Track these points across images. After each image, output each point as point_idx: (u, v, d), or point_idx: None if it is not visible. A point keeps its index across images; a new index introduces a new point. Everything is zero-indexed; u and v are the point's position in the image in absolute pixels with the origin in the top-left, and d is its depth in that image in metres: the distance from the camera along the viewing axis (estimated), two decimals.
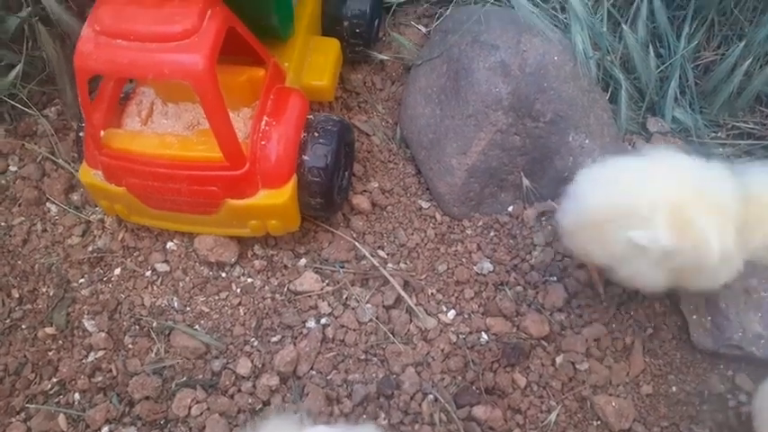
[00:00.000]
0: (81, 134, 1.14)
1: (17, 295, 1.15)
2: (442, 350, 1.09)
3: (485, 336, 1.11)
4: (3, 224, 1.22)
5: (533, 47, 1.12)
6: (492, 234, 1.20)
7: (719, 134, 1.33)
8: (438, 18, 1.39)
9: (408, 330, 1.11)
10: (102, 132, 1.06)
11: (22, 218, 1.22)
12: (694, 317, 1.08)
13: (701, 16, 1.29)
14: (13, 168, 1.28)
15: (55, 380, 1.07)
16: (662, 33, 1.30)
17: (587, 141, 1.15)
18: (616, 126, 1.23)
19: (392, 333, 1.10)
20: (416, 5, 1.45)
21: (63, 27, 1.21)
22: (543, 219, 1.21)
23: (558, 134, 1.15)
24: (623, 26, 1.25)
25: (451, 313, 1.13)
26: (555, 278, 1.15)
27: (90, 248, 1.18)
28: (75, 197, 1.24)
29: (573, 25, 1.19)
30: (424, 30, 1.42)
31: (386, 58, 1.36)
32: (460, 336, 1.11)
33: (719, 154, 1.30)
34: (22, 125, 1.31)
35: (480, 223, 1.21)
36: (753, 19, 1.27)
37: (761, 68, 1.27)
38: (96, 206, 1.22)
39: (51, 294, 1.15)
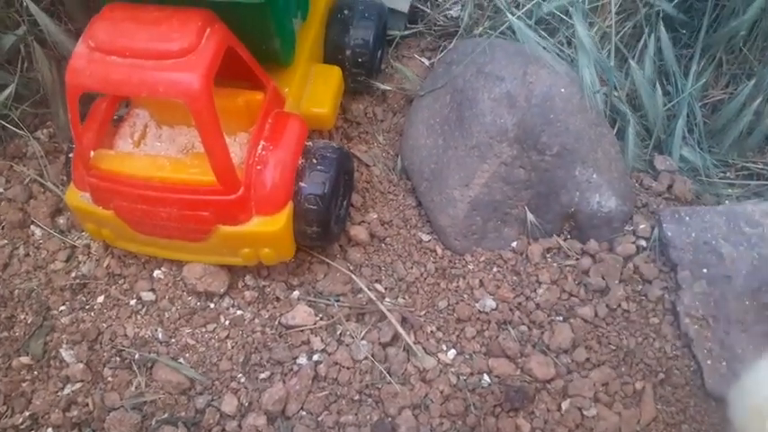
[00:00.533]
0: (71, 155, 1.10)
1: None
2: (442, 392, 1.03)
3: (487, 378, 1.05)
4: None
5: (540, 78, 1.10)
6: (495, 270, 1.15)
7: (728, 174, 1.30)
8: (442, 51, 1.37)
9: (406, 370, 1.05)
10: (91, 153, 1.02)
11: (5, 241, 1.17)
12: (709, 362, 1.02)
13: (710, 54, 1.28)
14: None
15: (27, 413, 1.01)
16: (669, 71, 1.28)
17: (595, 176, 1.11)
18: (624, 162, 1.19)
19: (388, 372, 1.04)
20: (420, 39, 1.43)
21: (59, 48, 1.18)
22: (548, 255, 1.16)
23: (564, 168, 1.11)
24: (630, 62, 1.23)
25: (452, 353, 1.07)
26: (561, 318, 1.10)
27: (73, 274, 1.13)
28: (61, 221, 1.20)
29: (580, 58, 1.16)
30: (427, 62, 1.40)
31: (388, 88, 1.34)
32: (461, 377, 1.05)
33: (728, 195, 1.26)
34: (11, 146, 1.27)
35: (483, 258, 1.16)
36: (762, 58, 1.25)
37: None
38: (83, 231, 1.17)
39: (29, 321, 1.09)
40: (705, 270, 1.07)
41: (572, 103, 1.10)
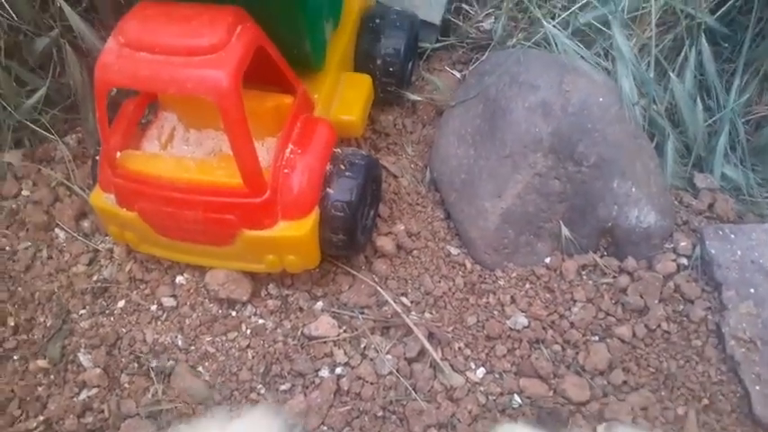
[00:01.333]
0: (97, 158, 1.08)
1: (12, 323, 1.07)
2: (470, 412, 0.98)
3: (517, 398, 1.00)
4: (8, 248, 1.15)
5: (577, 87, 1.06)
6: (527, 286, 1.10)
7: None
8: (473, 63, 1.35)
9: (432, 387, 1.01)
10: (118, 153, 1.00)
11: (28, 243, 1.16)
12: (757, 387, 0.95)
13: (753, 69, 1.23)
14: (25, 193, 1.23)
15: (42, 418, 0.98)
16: (710, 85, 1.23)
17: (634, 189, 1.07)
18: (663, 176, 1.14)
19: (414, 389, 1.00)
20: (451, 51, 1.41)
21: (91, 52, 1.18)
22: (584, 273, 1.11)
23: (601, 180, 1.07)
24: (671, 75, 1.19)
25: (481, 371, 1.03)
26: (597, 338, 1.05)
27: (95, 278, 1.11)
28: (85, 224, 1.19)
29: (619, 68, 1.13)
30: (458, 75, 1.38)
31: (418, 99, 1.31)
32: (490, 397, 1.00)
33: None
34: (40, 150, 1.27)
35: (514, 274, 1.12)
36: None
37: None
38: (106, 235, 1.15)
39: (49, 324, 1.07)
40: (752, 290, 1.01)
41: (610, 112, 1.06)
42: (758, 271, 1.03)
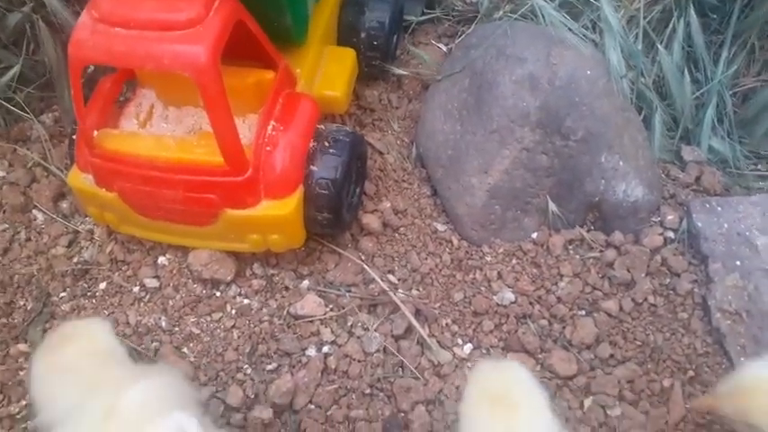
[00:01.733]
0: (75, 137, 1.06)
1: None
2: (457, 388, 0.98)
3: None
4: None
5: (564, 60, 1.05)
6: (514, 262, 1.10)
7: (759, 166, 1.23)
8: (460, 37, 1.32)
9: (419, 364, 1.00)
10: (95, 132, 0.98)
11: (6, 225, 1.13)
12: (742, 359, 0.96)
13: (741, 40, 1.22)
14: (1, 174, 1.20)
15: (24, 402, 0.97)
16: (698, 57, 1.22)
17: (621, 163, 1.06)
18: (651, 150, 1.14)
19: (401, 366, 1.00)
20: (437, 24, 1.39)
21: (63, 24, 1.14)
22: (571, 247, 1.11)
23: (589, 154, 1.06)
24: (659, 47, 1.17)
25: (468, 347, 1.02)
26: (584, 312, 1.04)
27: (75, 260, 1.09)
28: (64, 205, 1.16)
29: (607, 41, 1.11)
30: (444, 48, 1.35)
31: (404, 73, 1.29)
32: None
33: (759, 188, 1.20)
34: (15, 129, 1.23)
35: (501, 250, 1.11)
36: None
37: None
38: (86, 216, 1.13)
39: (29, 308, 1.05)
40: (738, 262, 1.01)
41: (598, 86, 1.05)
42: (744, 244, 1.03)
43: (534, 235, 1.12)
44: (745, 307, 0.99)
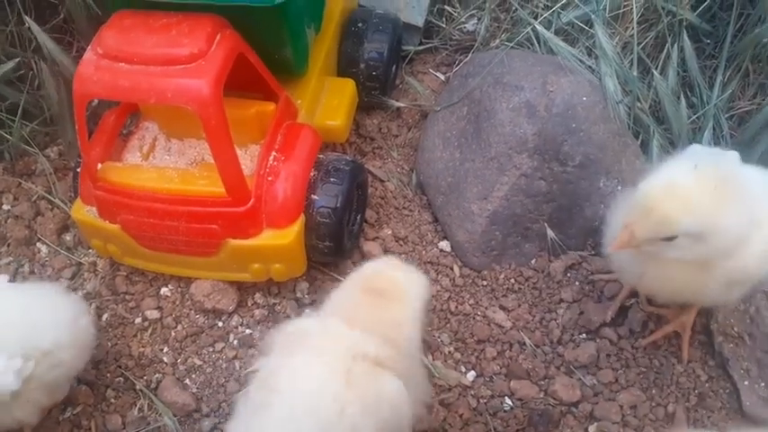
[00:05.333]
0: (79, 170, 1.07)
1: None
2: (461, 416, 0.98)
3: (508, 401, 0.99)
4: None
5: (561, 87, 1.06)
6: (515, 288, 1.10)
7: None
8: (457, 65, 1.34)
9: None
10: (99, 165, 0.99)
11: (10, 258, 1.14)
12: (746, 382, 0.96)
13: (735, 64, 1.23)
14: (6, 207, 1.21)
15: None
16: (693, 82, 1.24)
17: (620, 188, 1.07)
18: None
19: None
20: (435, 54, 1.41)
21: (62, 67, 1.17)
22: (570, 273, 1.11)
23: (587, 179, 1.06)
24: (654, 72, 1.19)
25: (471, 374, 1.02)
26: (584, 336, 1.04)
27: (78, 293, 1.09)
28: (67, 238, 1.17)
29: (602, 67, 1.13)
30: (442, 77, 1.37)
31: (402, 105, 1.31)
32: (481, 400, 0.99)
33: None
34: (20, 164, 1.25)
35: (502, 276, 1.11)
36: None
37: None
38: (89, 248, 1.13)
39: None
40: None
41: (594, 112, 1.06)
42: None
43: (534, 261, 1.12)
44: (747, 330, 0.99)
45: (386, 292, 0.75)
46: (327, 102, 1.15)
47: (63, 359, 0.86)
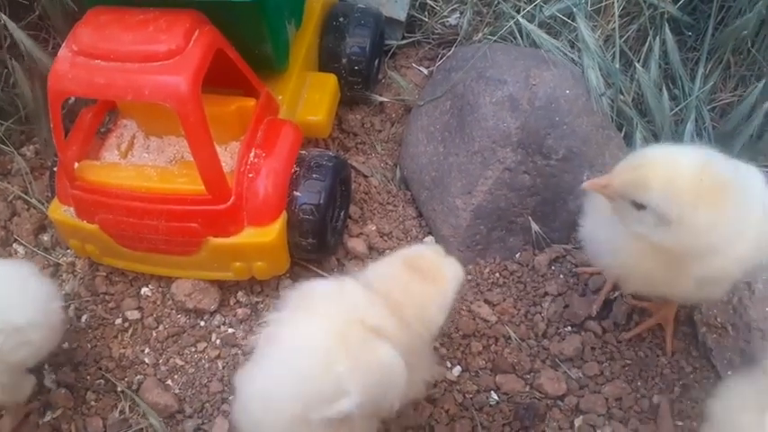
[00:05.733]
0: (56, 169, 1.05)
1: None
2: (447, 411, 0.97)
3: (494, 395, 0.99)
4: None
5: (543, 80, 1.06)
6: (500, 282, 1.10)
7: None
8: (440, 59, 1.33)
9: None
10: (75, 164, 0.97)
11: None
12: (729, 373, 0.96)
13: (717, 56, 1.24)
14: None
15: None
16: (675, 74, 1.24)
17: None
18: None
19: None
20: (418, 48, 1.40)
21: (38, 64, 1.14)
22: (555, 266, 1.11)
23: (571, 172, 1.06)
24: (636, 65, 1.19)
25: (457, 370, 1.02)
26: (570, 331, 1.04)
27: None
28: (45, 238, 1.15)
29: (585, 60, 1.13)
30: (425, 71, 1.36)
31: (385, 100, 1.30)
32: (467, 395, 0.99)
33: None
34: None
35: (487, 270, 1.11)
36: None
37: None
38: (67, 248, 1.11)
39: None
40: None
41: (577, 105, 1.06)
42: None
43: (518, 255, 1.12)
44: (730, 320, 0.99)
45: (426, 272, 0.77)
46: (309, 97, 1.14)
47: (32, 339, 0.85)
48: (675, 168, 0.75)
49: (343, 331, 0.71)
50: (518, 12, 1.20)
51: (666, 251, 0.77)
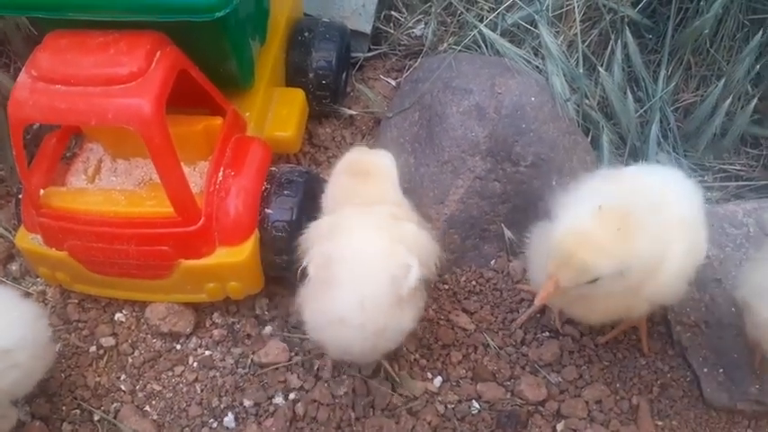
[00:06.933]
0: (21, 197, 1.03)
1: None
2: (429, 423, 0.97)
3: (476, 404, 0.99)
4: None
5: (509, 88, 1.07)
6: (477, 290, 1.10)
7: (706, 178, 1.27)
8: (407, 70, 1.34)
9: (390, 401, 0.99)
10: (41, 191, 0.96)
11: None
12: (705, 369, 0.97)
13: (678, 58, 1.26)
14: None
15: None
16: (639, 76, 1.26)
17: (572, 185, 1.07)
18: (600, 169, 1.16)
19: (372, 406, 0.98)
20: (385, 59, 1.40)
21: (0, 89, 1.12)
22: None
23: (540, 178, 1.07)
24: (599, 69, 1.20)
25: (438, 380, 1.02)
26: (547, 334, 1.05)
27: None
28: (13, 267, 1.13)
29: (549, 67, 1.14)
30: (393, 83, 1.37)
31: (354, 113, 1.30)
32: (449, 405, 0.99)
33: (708, 198, 1.23)
34: None
35: (463, 279, 1.11)
36: (730, 58, 1.24)
37: (742, 108, 1.23)
38: (37, 277, 1.09)
39: None
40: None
41: (543, 111, 1.07)
42: None
43: (493, 262, 1.12)
44: (703, 318, 1.00)
45: (368, 172, 0.91)
46: (277, 113, 1.13)
47: (21, 361, 0.83)
48: (593, 236, 0.77)
49: (383, 226, 0.85)
50: (481, 21, 1.22)
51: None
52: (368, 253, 0.83)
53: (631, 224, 0.77)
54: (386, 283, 0.81)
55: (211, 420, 0.96)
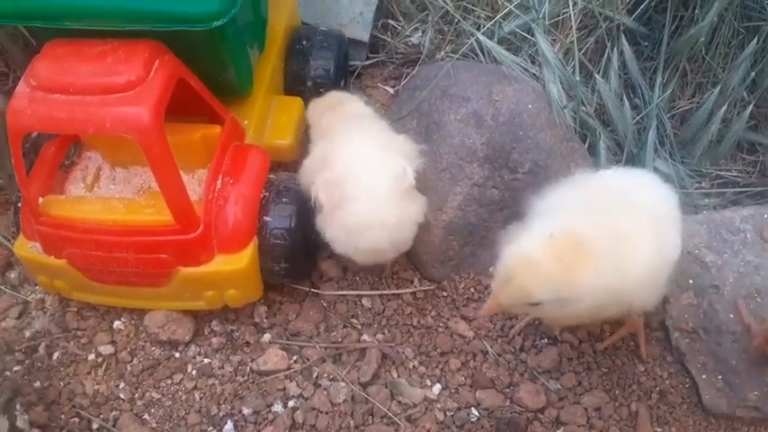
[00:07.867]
0: (20, 205, 1.03)
1: None
2: (428, 430, 0.97)
3: (475, 411, 0.99)
4: None
5: (506, 96, 1.07)
6: (475, 297, 1.10)
7: (703, 184, 1.27)
8: (405, 78, 1.35)
9: (390, 409, 0.99)
10: (40, 200, 0.96)
11: None
12: (704, 376, 0.97)
13: (673, 65, 1.27)
14: None
15: None
16: (635, 83, 1.26)
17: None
18: None
19: (371, 414, 0.98)
20: (382, 68, 1.41)
21: None
22: None
23: (538, 185, 1.07)
24: (596, 76, 1.21)
25: (437, 387, 1.02)
26: (546, 341, 1.05)
27: (27, 332, 1.05)
28: (12, 276, 1.13)
29: (546, 74, 1.15)
30: (391, 91, 1.37)
31: None
32: (448, 413, 0.99)
33: (705, 205, 1.24)
34: None
35: (462, 285, 1.11)
36: (725, 65, 1.24)
37: (738, 114, 1.23)
38: (36, 285, 1.09)
39: None
40: (691, 281, 1.04)
41: (540, 118, 1.08)
42: (694, 262, 1.05)
43: (492, 268, 1.12)
44: (701, 324, 1.00)
45: (341, 101, 1.09)
46: (275, 121, 1.14)
47: None
48: (535, 264, 0.77)
49: (382, 145, 0.98)
50: (478, 29, 1.22)
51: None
52: (367, 165, 0.94)
53: (579, 254, 0.77)
54: (390, 183, 0.93)
55: (210, 428, 0.96)
